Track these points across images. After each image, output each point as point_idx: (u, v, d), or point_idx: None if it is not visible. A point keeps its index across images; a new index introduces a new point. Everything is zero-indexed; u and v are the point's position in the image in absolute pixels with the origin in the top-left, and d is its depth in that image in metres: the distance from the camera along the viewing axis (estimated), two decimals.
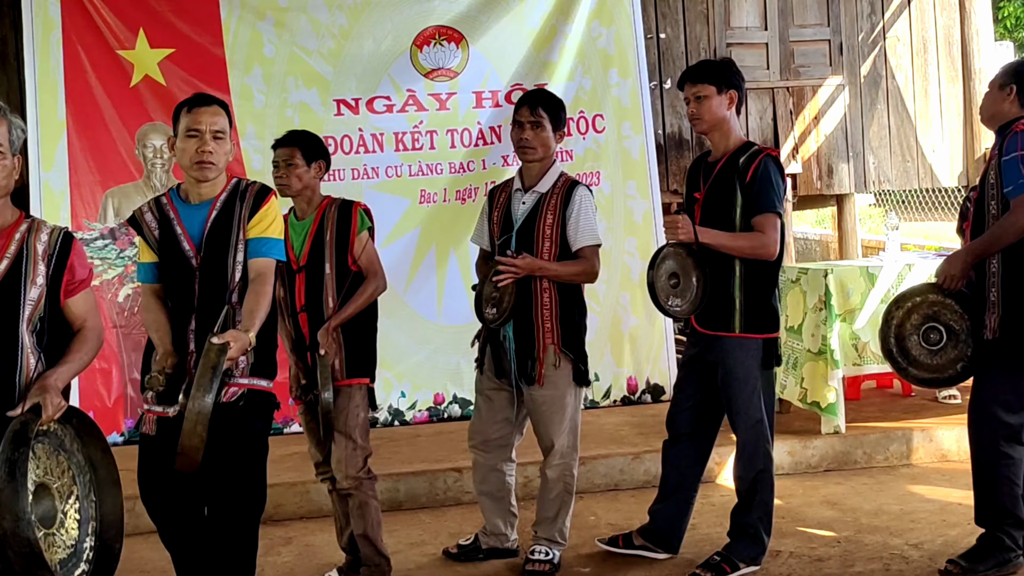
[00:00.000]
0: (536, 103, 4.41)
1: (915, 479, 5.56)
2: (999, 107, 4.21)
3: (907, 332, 4.34)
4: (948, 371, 4.31)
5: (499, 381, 4.49)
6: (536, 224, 4.36)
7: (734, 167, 4.21)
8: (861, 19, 7.97)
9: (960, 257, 4.21)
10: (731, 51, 7.75)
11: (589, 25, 6.94)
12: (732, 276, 4.24)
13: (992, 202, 4.15)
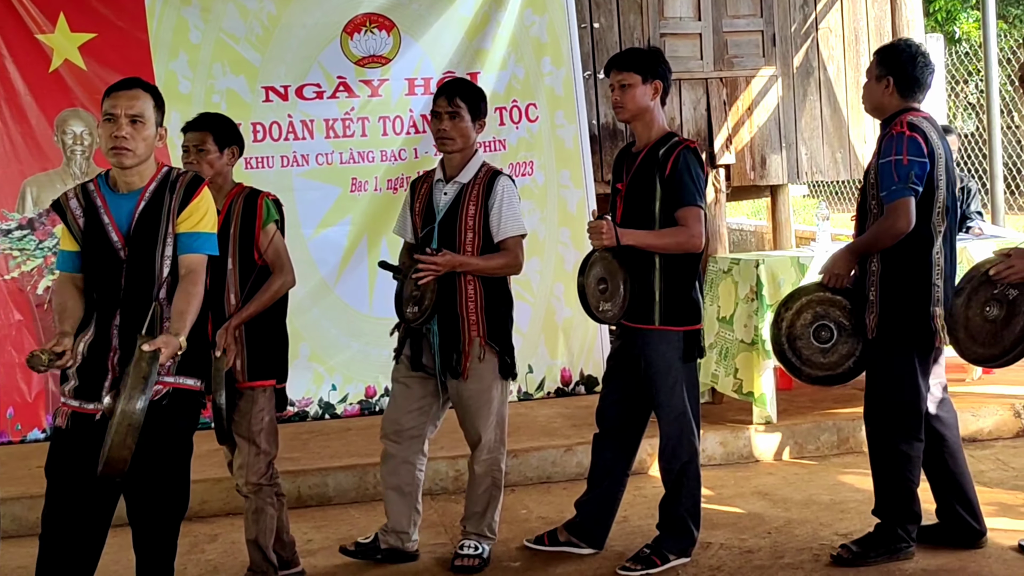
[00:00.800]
0: (454, 93, 4.34)
1: (846, 468, 5.58)
2: (879, 99, 4.26)
3: (798, 332, 4.33)
4: (840, 368, 4.33)
5: (421, 372, 4.40)
6: (458, 215, 4.29)
7: (654, 159, 4.18)
8: (793, 10, 7.98)
9: (843, 255, 4.26)
10: (665, 41, 7.73)
11: (522, 13, 6.87)
12: (652, 269, 4.21)
13: (873, 201, 4.20)
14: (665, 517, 4.42)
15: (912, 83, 4.20)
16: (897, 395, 4.22)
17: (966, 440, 5.92)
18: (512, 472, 5.57)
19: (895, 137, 4.10)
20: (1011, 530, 4.50)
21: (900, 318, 4.16)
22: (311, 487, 5.45)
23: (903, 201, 4.06)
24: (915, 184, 4.08)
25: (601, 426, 4.58)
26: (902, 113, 4.18)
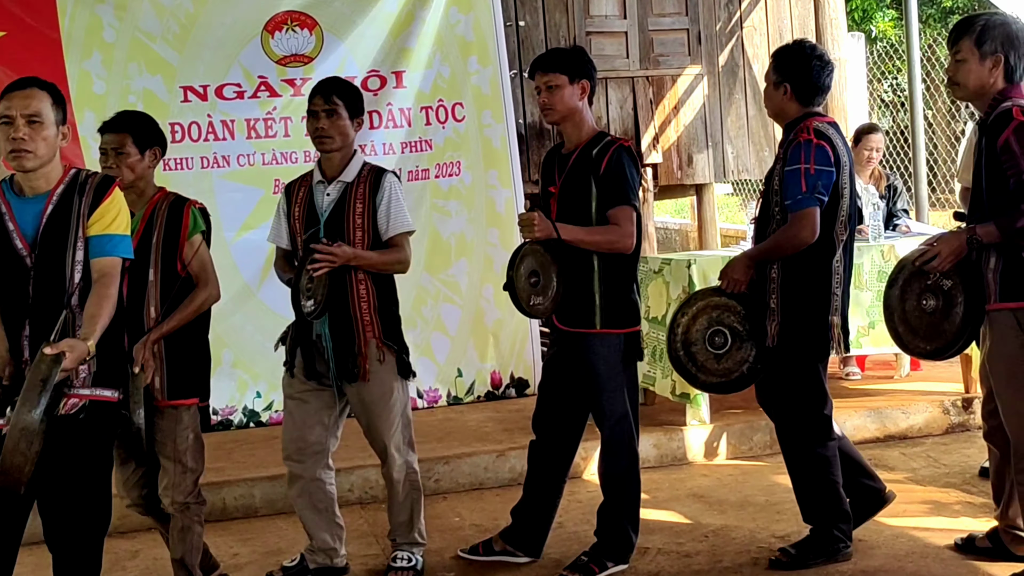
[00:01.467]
0: (330, 91, 4.18)
1: (780, 469, 5.49)
2: (779, 105, 4.24)
3: (693, 338, 4.28)
4: (735, 374, 4.28)
5: (310, 383, 4.23)
6: (345, 214, 4.14)
7: (587, 159, 4.10)
8: (718, 8, 7.98)
9: (741, 262, 4.23)
10: (590, 40, 7.68)
11: (447, 12, 6.77)
12: (591, 271, 4.13)
13: (776, 208, 4.17)
14: (603, 523, 4.34)
15: (810, 88, 4.16)
16: (805, 401, 4.23)
17: (896, 438, 5.98)
18: (443, 479, 5.47)
19: (802, 144, 4.06)
20: (947, 529, 4.49)
21: (802, 326, 4.16)
22: (237, 498, 5.29)
23: (808, 211, 4.03)
24: (821, 194, 4.05)
25: (538, 433, 4.49)
26: (806, 119, 4.15)
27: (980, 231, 3.72)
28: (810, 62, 4.15)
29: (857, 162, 6.90)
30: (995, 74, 3.79)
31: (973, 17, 3.89)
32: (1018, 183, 3.65)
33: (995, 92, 3.80)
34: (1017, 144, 3.65)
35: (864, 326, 6.04)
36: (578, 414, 4.40)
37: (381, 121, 6.70)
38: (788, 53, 4.23)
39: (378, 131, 6.69)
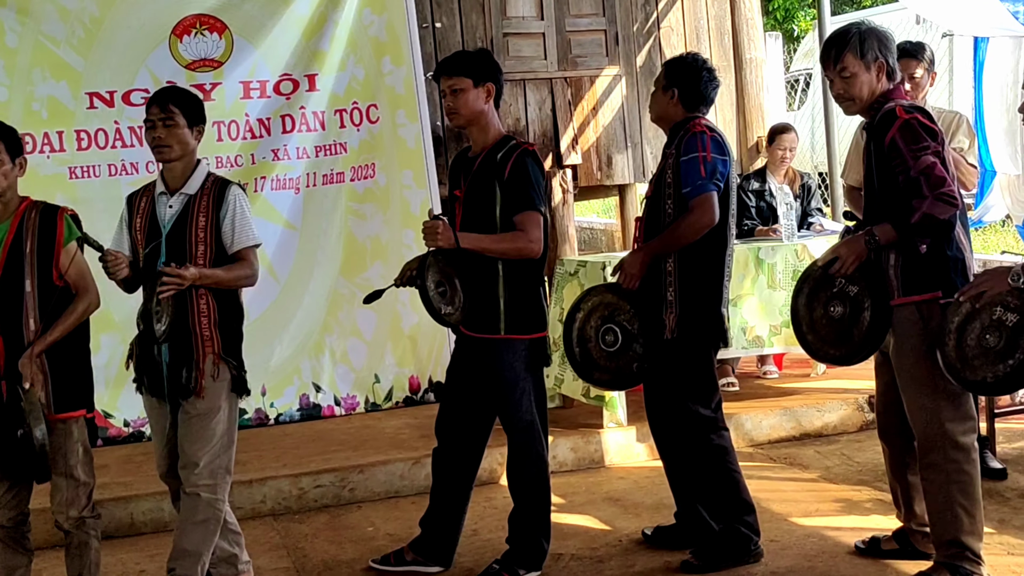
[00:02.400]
0: (166, 100, 4.02)
1: None
2: (665, 109, 4.33)
3: (589, 335, 4.30)
4: (627, 371, 4.32)
5: (155, 399, 4.06)
6: (187, 228, 3.98)
7: (492, 163, 4.08)
8: (635, 9, 7.98)
9: (638, 256, 4.26)
10: (508, 41, 7.64)
11: (360, 13, 6.69)
12: (495, 277, 4.10)
13: (668, 201, 4.21)
14: (514, 530, 4.31)
15: (696, 96, 4.28)
16: (701, 392, 4.27)
17: (812, 436, 6.02)
18: (358, 488, 5.41)
19: (697, 135, 4.16)
20: (858, 528, 4.52)
21: (698, 318, 4.21)
22: (145, 512, 5.17)
23: (708, 195, 4.11)
24: (719, 180, 4.15)
25: (441, 439, 4.44)
26: (692, 120, 4.24)
27: (877, 232, 3.79)
28: (700, 72, 4.28)
29: (771, 161, 6.95)
30: (881, 78, 3.88)
31: (844, 31, 3.94)
32: (907, 180, 3.74)
33: (878, 95, 3.88)
34: (903, 142, 3.74)
35: (777, 325, 6.07)
36: (482, 420, 4.36)
37: (295, 125, 6.61)
38: (680, 62, 4.36)
39: (291, 135, 6.60)
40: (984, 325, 3.52)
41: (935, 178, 3.71)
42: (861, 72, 3.84)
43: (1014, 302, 3.47)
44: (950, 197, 3.70)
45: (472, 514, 5.05)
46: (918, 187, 3.72)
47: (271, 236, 6.52)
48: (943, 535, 3.88)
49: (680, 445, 4.37)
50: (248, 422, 6.31)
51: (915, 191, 3.72)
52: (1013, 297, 3.47)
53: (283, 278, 6.55)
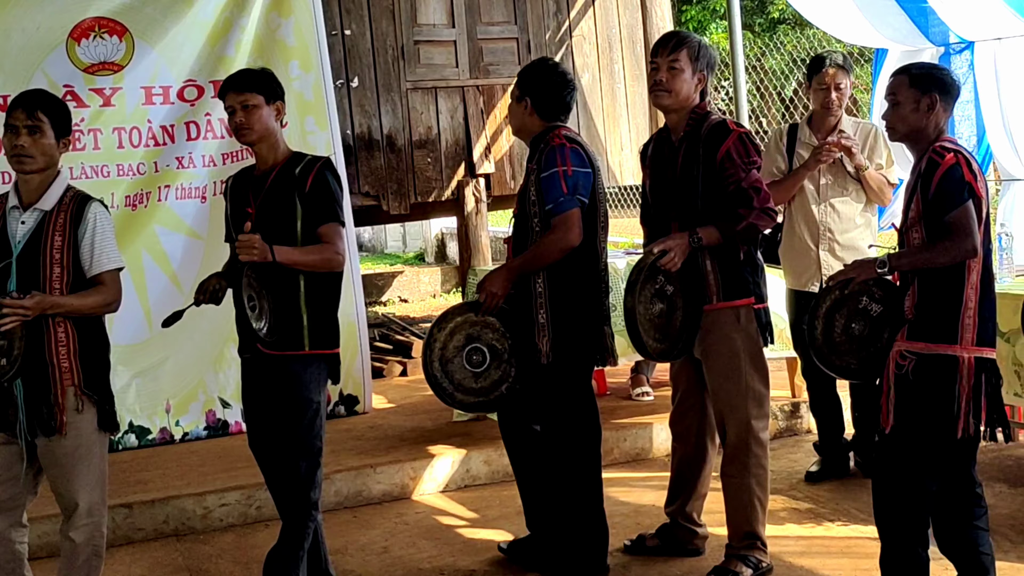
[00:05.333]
0: (35, 105, 3.75)
1: (609, 483, 5.47)
2: (521, 120, 4.25)
3: (450, 355, 4.17)
4: (493, 394, 4.21)
5: (3, 434, 3.73)
6: (41, 247, 3.68)
7: (289, 178, 3.89)
8: (547, 17, 7.94)
9: (501, 275, 4.17)
10: (419, 48, 7.56)
11: (267, 16, 6.54)
12: (297, 292, 3.88)
13: (535, 219, 4.13)
14: (268, 568, 3.97)
15: (552, 104, 4.19)
16: (582, 415, 4.22)
17: None
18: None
19: (556, 148, 4.08)
20: (771, 536, 4.46)
21: (574, 340, 4.14)
22: (40, 536, 4.93)
23: (572, 213, 4.04)
24: (582, 196, 4.08)
25: (260, 464, 4.13)
26: (552, 130, 4.17)
27: (702, 233, 3.96)
28: (552, 78, 4.20)
29: None
30: (697, 90, 4.07)
31: (688, 34, 4.13)
32: (738, 189, 3.96)
33: (693, 106, 4.07)
34: (737, 155, 3.97)
35: None
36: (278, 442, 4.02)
37: (199, 132, 6.43)
38: (531, 69, 4.26)
39: (196, 142, 6.42)
40: (851, 313, 3.63)
41: (764, 193, 3.99)
42: (688, 72, 4.03)
43: (879, 292, 3.61)
44: (773, 212, 4.02)
45: (382, 530, 4.97)
46: (748, 198, 3.96)
47: (176, 246, 6.34)
48: (742, 527, 4.14)
49: (559, 466, 4.27)
50: (152, 442, 6.11)
51: (744, 201, 3.96)
52: (878, 288, 3.61)
53: (188, 288, 6.32)
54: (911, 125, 3.57)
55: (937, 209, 3.46)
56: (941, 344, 3.46)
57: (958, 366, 3.46)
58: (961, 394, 3.46)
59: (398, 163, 7.54)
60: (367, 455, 5.64)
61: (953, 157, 3.46)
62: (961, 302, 3.47)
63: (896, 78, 3.64)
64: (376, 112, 7.48)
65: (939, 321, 3.48)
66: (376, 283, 12.57)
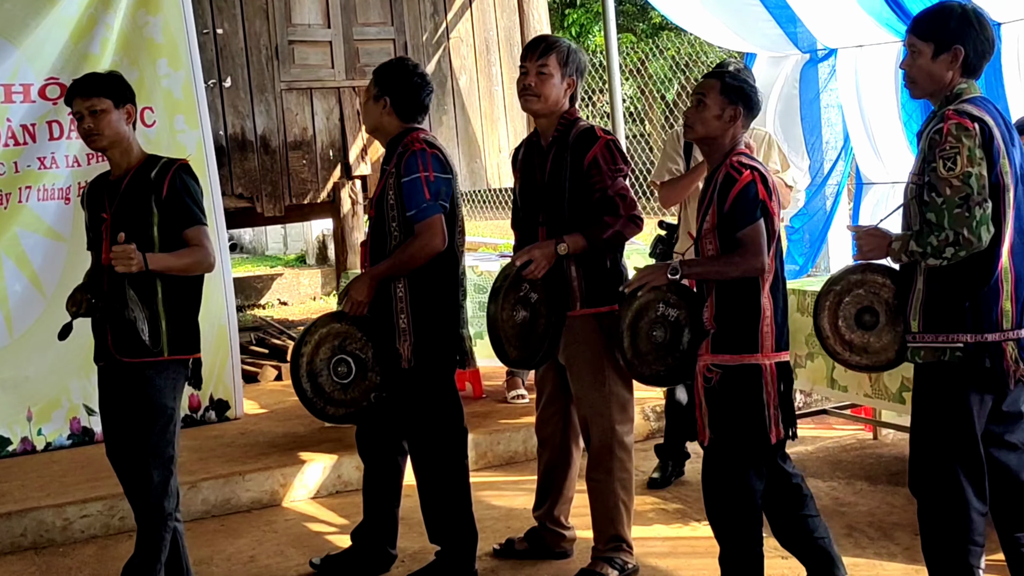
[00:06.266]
0: None
1: (489, 486, 5.49)
2: (378, 120, 4.21)
3: (318, 368, 4.11)
4: (363, 403, 4.18)
5: None
6: None
7: (145, 182, 3.81)
8: (424, 19, 7.91)
9: (364, 282, 4.13)
10: (293, 49, 7.47)
11: (134, 13, 6.36)
12: (155, 297, 3.78)
13: (393, 224, 4.11)
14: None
15: (410, 104, 4.16)
16: (446, 418, 4.22)
17: None
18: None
19: (417, 153, 4.05)
20: (640, 538, 4.50)
21: (435, 344, 4.14)
22: None
23: (436, 218, 4.03)
24: (444, 201, 4.08)
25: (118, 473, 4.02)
26: (410, 132, 4.14)
27: (568, 240, 3.99)
28: (411, 78, 4.16)
29: None
30: (567, 95, 4.09)
31: (558, 39, 4.15)
32: (603, 197, 3.98)
33: (562, 111, 4.09)
34: (604, 162, 4.00)
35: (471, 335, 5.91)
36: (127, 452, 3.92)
37: (63, 132, 6.22)
38: (389, 68, 4.22)
39: (59, 142, 6.21)
40: (651, 321, 3.69)
41: (630, 200, 4.02)
42: (557, 77, 4.05)
43: (673, 298, 3.67)
44: (639, 219, 4.04)
45: (250, 539, 4.89)
46: (615, 206, 3.99)
47: (37, 248, 6.14)
48: (608, 530, 4.18)
49: (421, 468, 4.27)
50: (12, 452, 5.91)
51: (611, 209, 3.99)
52: (672, 293, 3.67)
53: (50, 291, 6.14)
54: (711, 131, 3.65)
55: (730, 224, 3.57)
56: (744, 354, 3.57)
57: (762, 374, 3.58)
58: (769, 401, 3.59)
59: (272, 165, 7.43)
60: (236, 462, 5.53)
61: (750, 174, 3.57)
62: (759, 311, 3.58)
63: (708, 80, 3.71)
64: (250, 113, 7.36)
65: (740, 332, 3.58)
66: (255, 286, 12.38)
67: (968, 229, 3.18)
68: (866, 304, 3.58)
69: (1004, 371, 3.30)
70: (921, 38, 3.40)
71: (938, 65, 3.38)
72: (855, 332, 3.61)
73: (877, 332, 3.56)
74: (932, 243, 3.22)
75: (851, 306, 3.60)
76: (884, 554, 4.30)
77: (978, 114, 3.26)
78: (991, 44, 3.41)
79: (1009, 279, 3.30)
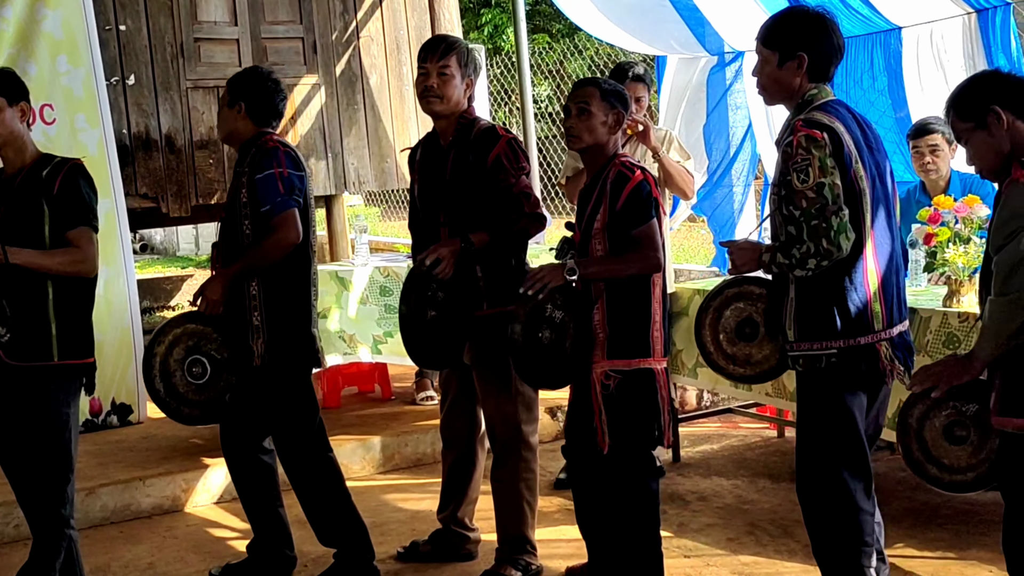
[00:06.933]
0: None
1: (388, 489, 5.46)
2: (233, 125, 4.21)
3: (172, 368, 4.10)
4: (218, 404, 4.16)
5: None
6: None
7: (36, 181, 3.72)
8: (334, 17, 7.82)
9: (219, 281, 4.12)
10: (199, 47, 7.33)
11: (32, 7, 6.20)
12: (45, 299, 3.70)
13: (246, 222, 4.10)
14: None
15: (266, 109, 4.17)
16: (301, 415, 4.18)
17: None
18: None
19: (270, 151, 4.07)
20: (546, 540, 4.50)
21: (289, 341, 4.12)
22: None
23: (291, 212, 4.03)
24: (298, 196, 4.08)
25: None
26: (263, 135, 4.14)
27: (474, 238, 3.99)
28: (265, 83, 4.19)
29: None
30: (466, 95, 4.11)
31: (456, 39, 4.18)
32: (507, 195, 4.00)
33: (462, 111, 4.09)
34: (507, 160, 4.02)
35: (380, 335, 5.92)
36: None
37: None
38: (245, 76, 4.24)
39: None
40: (541, 321, 3.67)
41: (533, 198, 4.05)
42: (458, 78, 4.06)
43: (560, 299, 3.67)
44: (543, 217, 4.09)
45: (149, 545, 4.81)
46: (519, 204, 4.01)
47: None
48: (511, 530, 4.19)
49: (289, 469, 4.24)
50: None
51: (515, 207, 4.01)
52: (559, 294, 3.66)
53: None
54: (599, 138, 3.69)
55: (624, 222, 3.60)
56: (638, 359, 3.62)
57: (655, 378, 3.64)
58: (663, 404, 3.63)
59: (178, 164, 7.29)
60: (137, 467, 5.43)
61: (641, 174, 3.63)
62: (650, 316, 3.63)
63: (585, 89, 3.73)
64: (154, 111, 7.22)
65: (632, 337, 3.62)
66: (164, 287, 12.18)
67: (827, 239, 3.20)
68: (745, 316, 3.61)
69: (881, 372, 3.35)
70: (767, 46, 3.44)
71: (784, 72, 3.40)
72: (737, 345, 3.64)
73: (758, 343, 3.60)
74: (795, 255, 3.25)
75: (731, 319, 3.64)
76: (784, 552, 4.36)
77: (827, 122, 3.28)
78: (839, 49, 3.44)
79: (876, 280, 3.35)
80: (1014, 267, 2.86)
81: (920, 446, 3.17)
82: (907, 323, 3.47)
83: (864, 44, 6.37)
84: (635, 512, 3.73)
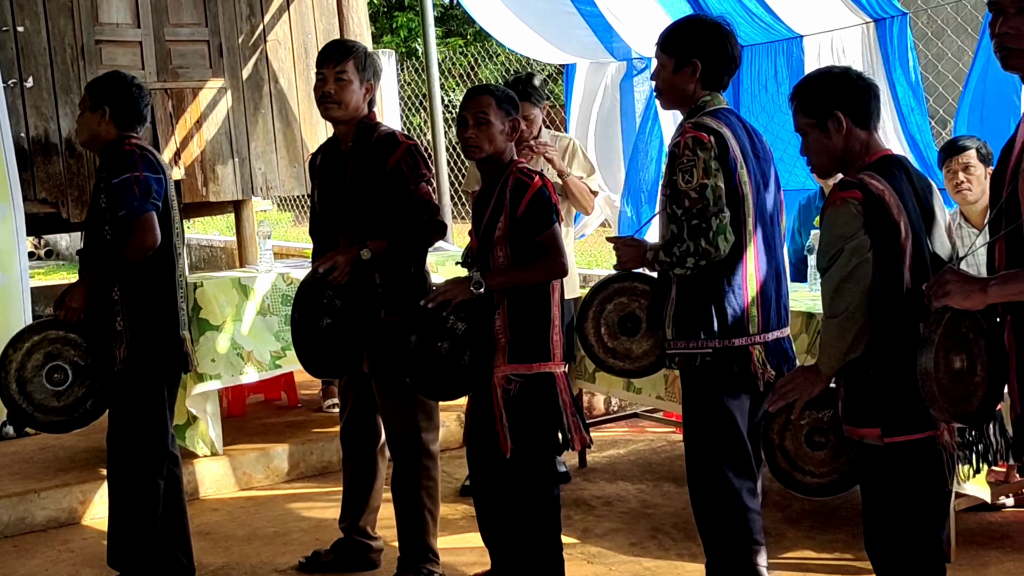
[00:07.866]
0: None
1: (294, 498, 5.39)
2: (95, 129, 4.18)
3: (29, 375, 4.02)
4: (78, 411, 4.09)
5: None
6: None
7: None
8: (240, 20, 7.72)
9: (79, 288, 4.07)
10: (101, 49, 7.18)
11: None
12: None
13: (106, 227, 4.08)
14: None
15: (130, 114, 4.15)
16: (148, 428, 4.12)
17: None
18: None
19: (126, 154, 4.04)
20: (450, 548, 4.47)
21: (153, 346, 4.09)
22: None
23: (148, 216, 4.00)
24: (155, 199, 4.05)
25: None
26: (124, 139, 4.11)
27: (372, 245, 3.95)
28: (130, 88, 4.17)
29: None
30: (365, 100, 4.06)
31: (353, 44, 4.13)
32: (407, 203, 3.97)
33: (362, 116, 4.04)
34: (407, 167, 3.97)
35: (278, 349, 5.76)
36: None
37: None
38: (106, 79, 4.21)
39: None
40: (440, 332, 3.65)
41: (433, 206, 4.01)
42: (356, 83, 4.02)
43: (462, 311, 3.65)
44: (443, 225, 4.05)
45: (44, 559, 4.70)
46: (418, 212, 3.97)
47: None
48: (413, 539, 4.15)
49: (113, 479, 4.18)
50: None
51: (414, 214, 3.98)
52: (462, 306, 3.64)
53: None
54: (498, 147, 3.70)
55: (527, 229, 3.60)
56: (538, 363, 3.62)
57: (555, 382, 3.65)
58: (565, 408, 3.64)
59: (79, 168, 7.14)
60: (32, 479, 5.29)
61: (540, 180, 3.63)
62: (549, 320, 3.64)
63: (481, 98, 3.71)
64: (54, 115, 7.06)
65: (533, 341, 3.63)
66: None
67: (705, 239, 3.26)
68: (628, 311, 3.64)
69: (752, 374, 3.39)
70: (664, 51, 3.51)
71: (679, 78, 3.47)
72: (618, 339, 3.66)
73: (639, 339, 3.63)
74: (675, 253, 3.30)
75: (614, 313, 3.66)
76: (686, 555, 4.38)
77: (716, 127, 3.34)
78: (734, 59, 3.50)
79: (755, 285, 3.40)
80: (837, 289, 2.89)
81: (784, 456, 3.17)
82: (787, 330, 3.53)
83: (767, 52, 6.45)
84: (536, 518, 3.73)
